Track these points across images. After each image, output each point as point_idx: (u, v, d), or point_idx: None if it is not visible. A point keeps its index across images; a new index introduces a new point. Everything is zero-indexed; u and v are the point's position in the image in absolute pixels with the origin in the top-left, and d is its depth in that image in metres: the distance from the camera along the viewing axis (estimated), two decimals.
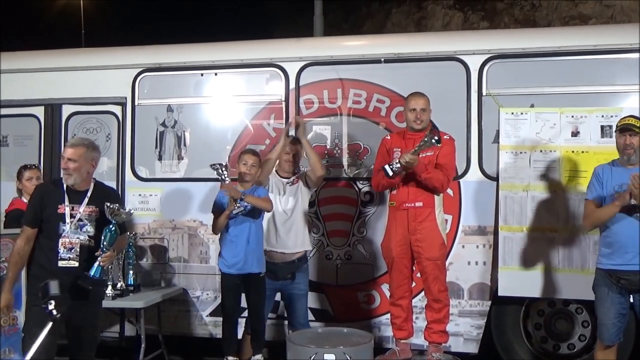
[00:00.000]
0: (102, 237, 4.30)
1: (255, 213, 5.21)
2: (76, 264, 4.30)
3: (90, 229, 4.34)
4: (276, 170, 5.51)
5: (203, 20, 18.75)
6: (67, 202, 4.30)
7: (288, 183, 5.45)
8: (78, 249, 4.31)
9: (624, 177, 4.33)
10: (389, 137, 5.30)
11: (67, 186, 4.34)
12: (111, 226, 4.33)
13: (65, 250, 4.30)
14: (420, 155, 4.96)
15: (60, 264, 4.28)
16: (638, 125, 4.40)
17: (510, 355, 5.53)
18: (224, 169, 5.10)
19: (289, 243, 5.36)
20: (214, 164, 5.14)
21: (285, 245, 5.36)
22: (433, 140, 4.83)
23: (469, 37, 6.87)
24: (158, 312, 5.92)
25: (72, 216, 4.29)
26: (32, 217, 4.33)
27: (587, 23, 12.49)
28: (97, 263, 4.27)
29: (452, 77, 5.63)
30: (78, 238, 4.31)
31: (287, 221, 5.37)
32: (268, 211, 5.28)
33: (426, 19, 14.72)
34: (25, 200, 5.34)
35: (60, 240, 4.27)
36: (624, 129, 4.45)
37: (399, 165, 4.89)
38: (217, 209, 5.27)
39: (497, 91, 5.53)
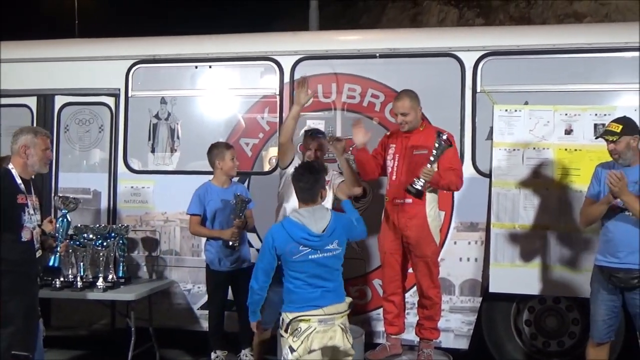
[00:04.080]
0: (58, 227, 4.35)
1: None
2: (40, 253, 4.32)
3: (38, 217, 4.31)
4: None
5: (198, 12, 18.67)
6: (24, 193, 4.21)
7: None
8: (39, 238, 4.32)
9: None
10: (389, 133, 5.33)
11: (19, 176, 4.22)
12: (66, 216, 4.40)
13: (36, 241, 4.27)
14: (415, 153, 4.96)
15: (38, 255, 4.26)
16: (617, 129, 4.37)
17: (501, 351, 5.54)
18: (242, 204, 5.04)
19: None
20: (239, 197, 5.06)
21: None
22: (444, 144, 4.79)
23: (463, 33, 6.86)
24: (149, 305, 5.91)
25: (28, 206, 4.22)
26: None
27: (581, 21, 12.50)
28: (57, 253, 4.31)
29: (446, 73, 5.62)
30: (37, 227, 4.30)
31: None
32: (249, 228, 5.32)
33: (421, 15, 14.69)
34: None
35: (33, 232, 4.21)
36: (603, 137, 4.46)
37: (421, 182, 4.84)
38: (199, 213, 5.29)
39: (492, 88, 5.53)
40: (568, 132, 5.34)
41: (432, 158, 4.82)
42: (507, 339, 5.53)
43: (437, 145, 4.80)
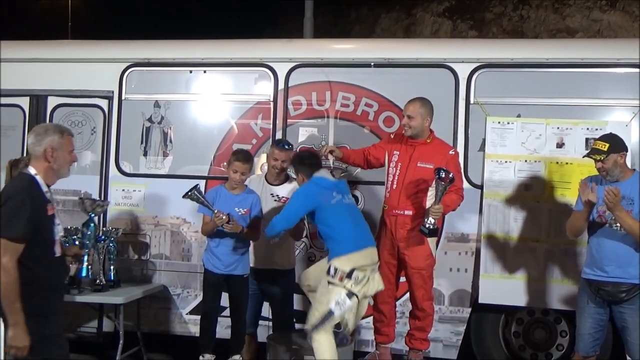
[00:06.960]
0: (86, 232, 3.99)
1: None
2: (73, 269, 4.08)
3: (61, 227, 3.80)
4: (265, 176, 5.41)
5: (192, 18, 18.70)
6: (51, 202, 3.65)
7: (275, 198, 5.30)
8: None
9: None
10: (393, 136, 5.27)
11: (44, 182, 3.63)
12: (95, 222, 4.04)
13: (70, 257, 3.87)
14: (420, 165, 4.98)
15: (72, 271, 4.04)
16: (604, 148, 4.40)
17: None
18: (198, 194, 4.94)
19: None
20: (191, 192, 4.97)
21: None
22: (444, 183, 4.74)
23: (459, 45, 6.91)
24: (137, 309, 5.88)
25: (55, 216, 3.66)
26: (25, 228, 3.40)
27: (573, 36, 12.65)
28: (85, 263, 4.05)
29: (440, 84, 5.64)
30: (66, 239, 3.98)
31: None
32: (254, 241, 5.23)
33: (415, 26, 14.80)
34: None
35: (63, 247, 3.73)
36: (590, 156, 4.49)
37: (431, 220, 4.83)
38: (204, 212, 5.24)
39: (485, 100, 5.56)
40: (559, 145, 5.38)
41: (436, 198, 4.79)
42: (495, 350, 5.54)
43: (437, 185, 4.77)
